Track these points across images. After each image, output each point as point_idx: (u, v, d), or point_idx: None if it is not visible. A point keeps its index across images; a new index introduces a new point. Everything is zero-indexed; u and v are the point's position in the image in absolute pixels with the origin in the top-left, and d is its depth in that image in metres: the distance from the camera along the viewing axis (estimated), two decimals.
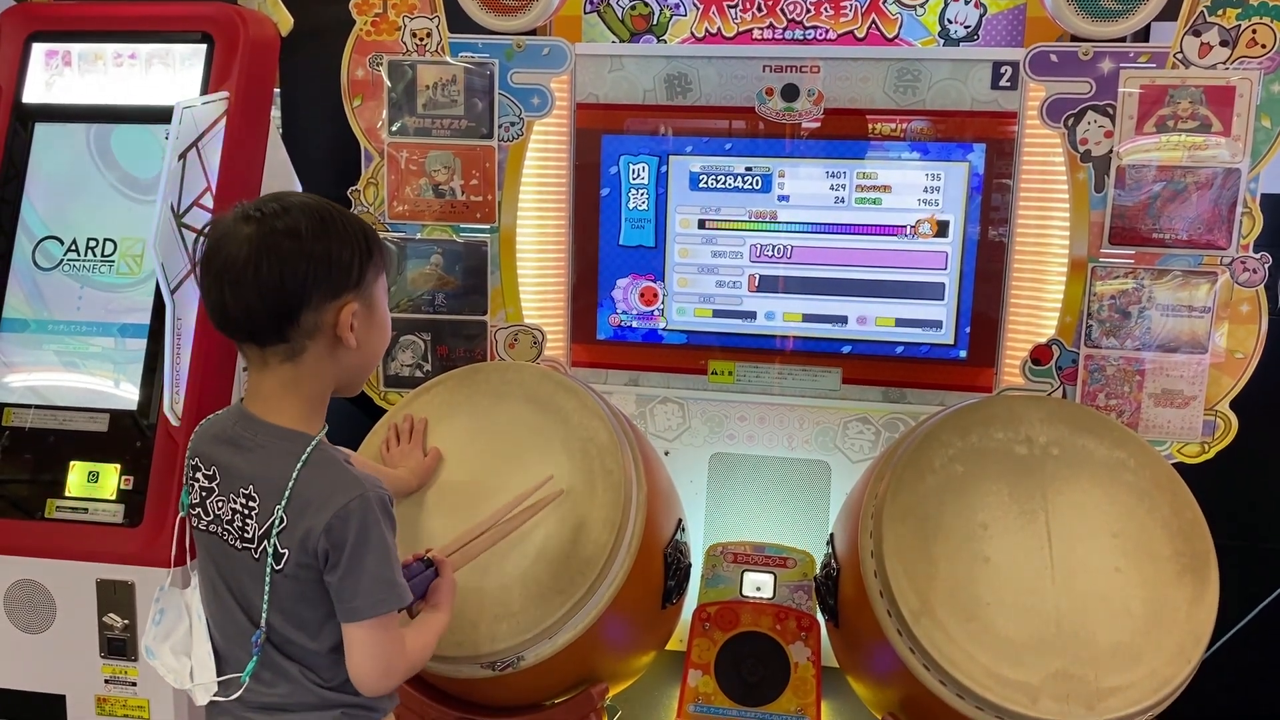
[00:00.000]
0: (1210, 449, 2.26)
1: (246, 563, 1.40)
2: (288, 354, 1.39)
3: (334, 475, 1.39)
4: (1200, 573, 1.84)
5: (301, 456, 1.38)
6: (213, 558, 1.47)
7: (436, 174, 2.43)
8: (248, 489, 1.40)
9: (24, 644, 2.10)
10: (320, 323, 1.38)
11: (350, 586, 1.36)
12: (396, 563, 1.41)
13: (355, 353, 1.43)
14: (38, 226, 2.23)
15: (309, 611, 1.40)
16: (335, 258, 1.38)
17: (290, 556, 1.36)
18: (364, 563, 1.36)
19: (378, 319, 1.47)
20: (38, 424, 2.14)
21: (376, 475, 1.48)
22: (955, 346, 2.47)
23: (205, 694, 1.47)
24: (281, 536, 1.36)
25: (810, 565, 2.30)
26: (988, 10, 2.40)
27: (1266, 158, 2.17)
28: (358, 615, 1.37)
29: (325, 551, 1.35)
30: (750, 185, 2.50)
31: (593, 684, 2.02)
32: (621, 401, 2.56)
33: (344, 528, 1.35)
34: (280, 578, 1.37)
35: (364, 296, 1.43)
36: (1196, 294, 2.21)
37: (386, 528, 1.40)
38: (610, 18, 2.53)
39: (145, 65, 2.26)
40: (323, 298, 1.38)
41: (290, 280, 1.35)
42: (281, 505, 1.36)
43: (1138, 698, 1.73)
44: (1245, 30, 2.14)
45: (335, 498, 1.35)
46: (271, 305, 1.35)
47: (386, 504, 1.41)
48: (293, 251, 1.35)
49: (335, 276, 1.38)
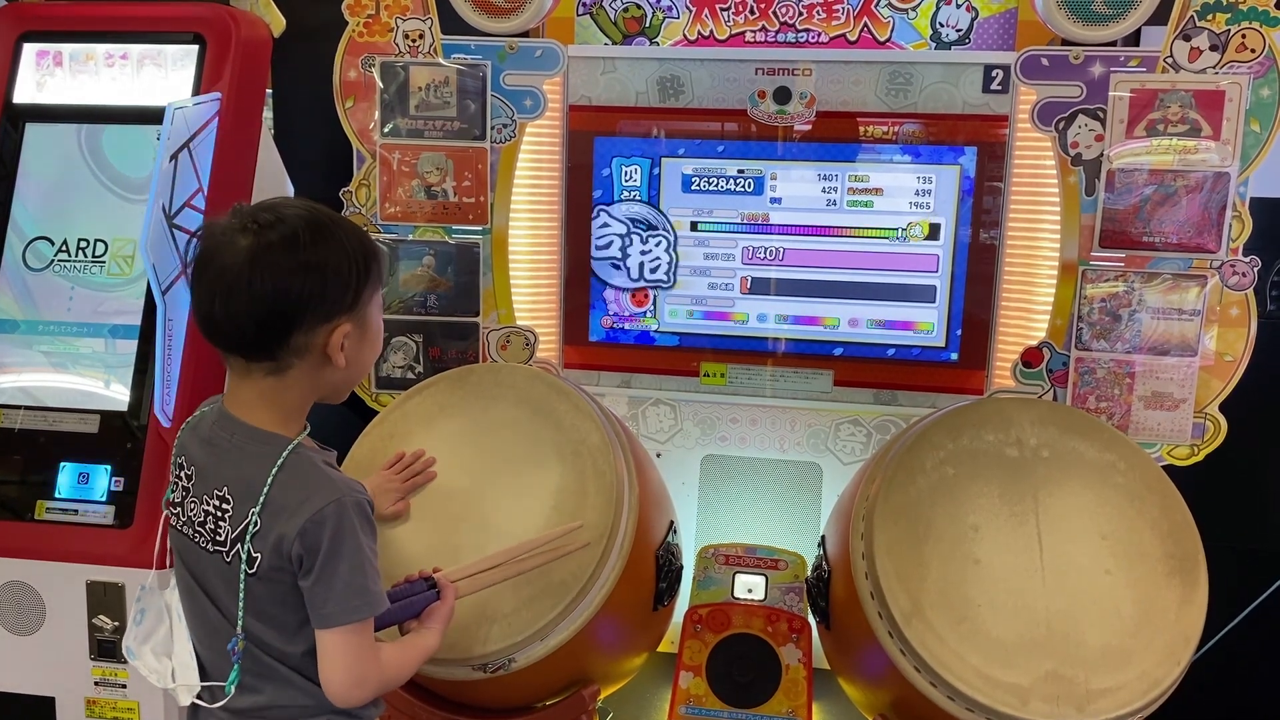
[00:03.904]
0: (1200, 451, 2.27)
1: (218, 566, 1.38)
2: (272, 369, 1.37)
3: (310, 479, 1.36)
4: (1189, 574, 1.84)
5: (278, 460, 1.35)
6: (185, 560, 1.45)
7: (429, 175, 2.43)
8: (221, 491, 1.37)
9: (13, 646, 2.09)
10: (310, 344, 1.36)
11: (323, 593, 1.33)
12: (372, 569, 1.38)
13: (342, 370, 1.40)
14: (28, 227, 2.22)
15: (285, 615, 1.37)
16: (332, 280, 1.34)
17: (264, 560, 1.34)
18: (338, 569, 1.33)
19: (370, 336, 1.44)
20: (28, 425, 2.13)
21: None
22: (946, 349, 2.48)
23: (188, 695, 1.45)
24: (255, 540, 1.34)
25: (802, 567, 2.31)
26: (979, 14, 2.41)
27: (1256, 162, 2.18)
28: (330, 622, 1.34)
29: (299, 556, 1.33)
30: (742, 188, 2.50)
31: (584, 686, 2.02)
32: (613, 403, 2.56)
33: (318, 532, 1.32)
34: (254, 581, 1.35)
35: (357, 317, 1.39)
36: (1186, 297, 2.22)
37: (364, 533, 1.37)
38: (603, 20, 2.54)
39: (137, 66, 2.25)
40: (315, 320, 1.34)
41: (284, 301, 1.32)
42: (256, 509, 1.33)
43: (1128, 699, 1.73)
44: (1235, 35, 2.15)
45: (310, 502, 1.33)
46: (262, 323, 1.32)
47: (364, 509, 1.38)
48: (289, 270, 1.31)
49: (331, 298, 1.35)
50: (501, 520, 1.89)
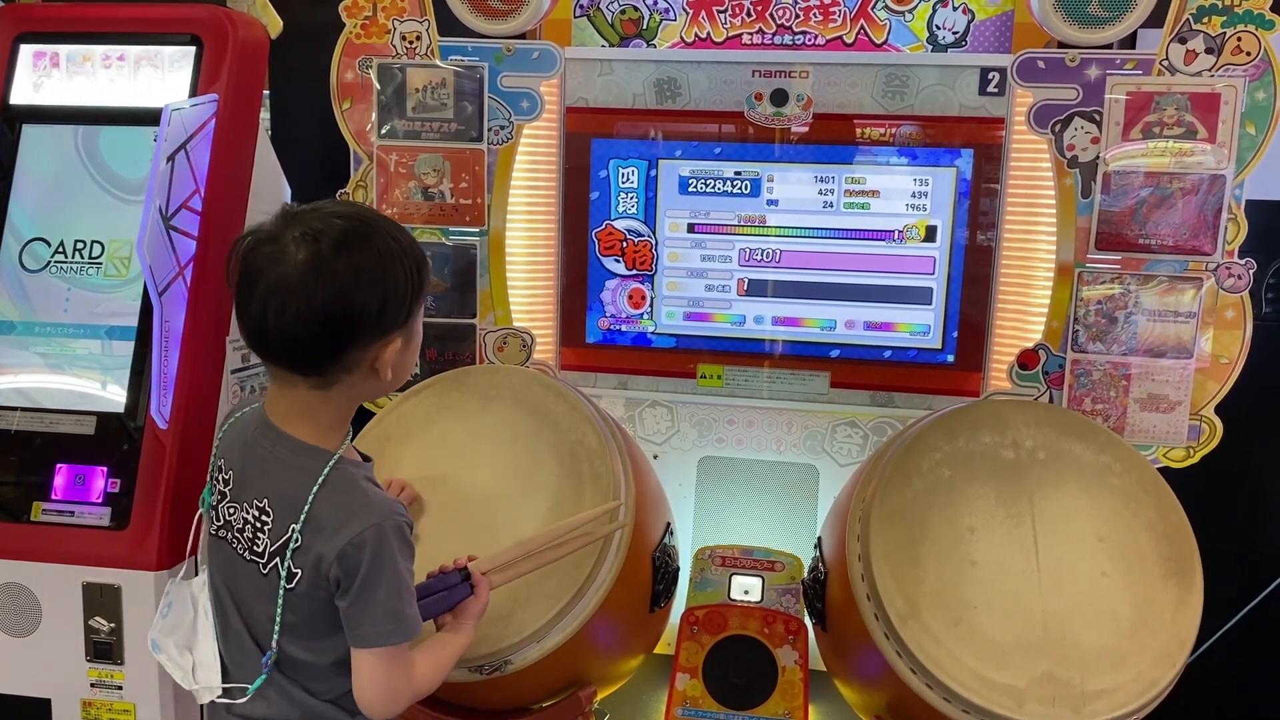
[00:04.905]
0: (1195, 453, 2.28)
1: (253, 576, 1.37)
2: (319, 384, 1.35)
3: (351, 499, 1.35)
4: (1185, 576, 1.85)
5: (319, 476, 1.34)
6: (219, 564, 1.44)
7: (426, 177, 2.43)
8: (262, 502, 1.36)
9: (9, 648, 2.09)
10: (363, 360, 1.34)
11: (359, 614, 1.33)
12: (408, 593, 1.37)
13: (389, 382, 1.39)
14: (25, 228, 2.22)
15: (319, 626, 1.37)
16: (391, 296, 1.31)
17: (304, 576, 1.33)
18: (375, 594, 1.32)
19: (414, 344, 1.41)
20: (24, 426, 2.13)
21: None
22: (943, 351, 2.49)
23: (208, 695, 1.44)
24: (296, 556, 1.33)
25: (798, 569, 2.31)
26: (976, 16, 2.41)
27: (1251, 164, 2.19)
28: (365, 643, 1.35)
29: (337, 578, 1.32)
30: (739, 189, 2.50)
31: (581, 687, 2.02)
32: (610, 405, 2.56)
33: (358, 555, 1.31)
34: (292, 595, 1.35)
35: (408, 331, 1.38)
36: (1182, 299, 2.22)
37: (402, 556, 1.35)
38: (600, 22, 2.54)
39: (134, 67, 2.25)
40: (371, 337, 1.32)
41: (342, 317, 1.29)
42: (298, 525, 1.32)
43: (1123, 701, 1.73)
44: (1230, 38, 2.16)
45: (350, 524, 1.31)
46: (319, 339, 1.30)
47: (404, 532, 1.36)
48: (349, 288, 1.28)
49: (389, 315, 1.32)
50: (498, 522, 1.89)
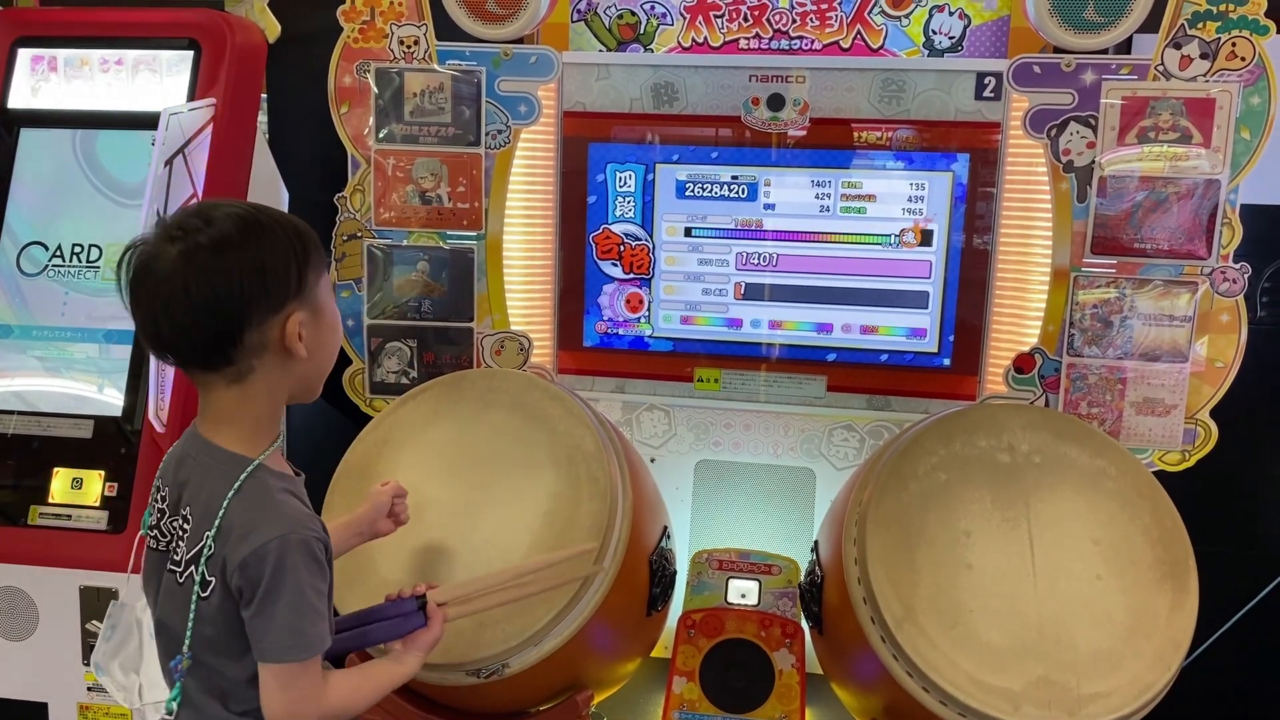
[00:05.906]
0: (1191, 457, 2.28)
1: (170, 584, 1.35)
2: (234, 376, 1.32)
3: (261, 509, 1.31)
4: (1180, 580, 1.85)
5: (235, 483, 1.31)
6: (149, 576, 1.41)
7: (423, 181, 2.43)
8: (185, 511, 1.34)
9: (6, 651, 2.09)
10: (266, 339, 1.31)
11: (260, 628, 1.29)
12: (312, 611, 1.31)
13: (307, 362, 1.36)
14: (23, 232, 2.22)
15: (232, 641, 1.33)
16: (270, 267, 1.29)
17: (216, 585, 1.30)
18: (275, 608, 1.28)
19: (327, 321, 1.39)
20: (21, 430, 2.13)
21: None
22: (939, 355, 2.49)
23: (155, 713, 1.43)
24: (209, 564, 1.30)
25: (795, 572, 2.31)
26: (972, 21, 2.42)
27: (1246, 169, 2.20)
28: (265, 658, 1.30)
29: (239, 587, 1.29)
30: (736, 194, 2.51)
31: (578, 691, 2.02)
32: (607, 409, 2.57)
33: (259, 566, 1.27)
34: (206, 606, 1.31)
35: (308, 302, 1.34)
36: (1177, 303, 2.23)
37: (309, 573, 1.30)
38: (597, 26, 2.54)
39: (132, 71, 2.26)
40: (264, 313, 1.30)
41: (225, 300, 1.27)
42: (211, 533, 1.29)
43: (1119, 704, 1.74)
44: (1225, 43, 2.17)
45: (255, 535, 1.28)
46: (210, 328, 1.28)
47: (311, 548, 1.31)
48: (223, 267, 1.26)
49: (273, 287, 1.30)
50: (494, 526, 1.89)
